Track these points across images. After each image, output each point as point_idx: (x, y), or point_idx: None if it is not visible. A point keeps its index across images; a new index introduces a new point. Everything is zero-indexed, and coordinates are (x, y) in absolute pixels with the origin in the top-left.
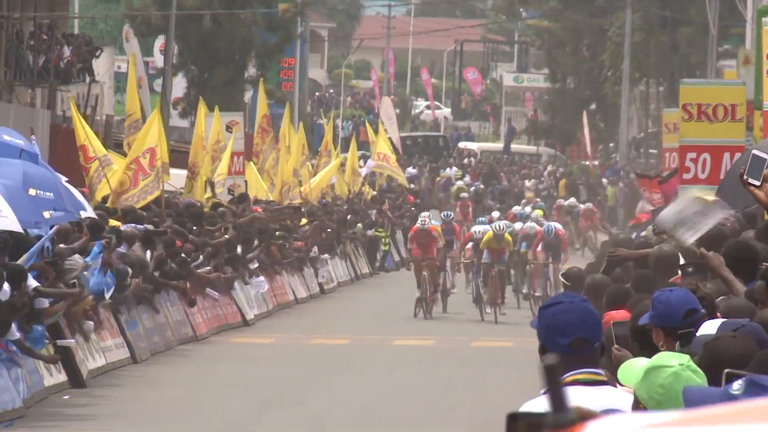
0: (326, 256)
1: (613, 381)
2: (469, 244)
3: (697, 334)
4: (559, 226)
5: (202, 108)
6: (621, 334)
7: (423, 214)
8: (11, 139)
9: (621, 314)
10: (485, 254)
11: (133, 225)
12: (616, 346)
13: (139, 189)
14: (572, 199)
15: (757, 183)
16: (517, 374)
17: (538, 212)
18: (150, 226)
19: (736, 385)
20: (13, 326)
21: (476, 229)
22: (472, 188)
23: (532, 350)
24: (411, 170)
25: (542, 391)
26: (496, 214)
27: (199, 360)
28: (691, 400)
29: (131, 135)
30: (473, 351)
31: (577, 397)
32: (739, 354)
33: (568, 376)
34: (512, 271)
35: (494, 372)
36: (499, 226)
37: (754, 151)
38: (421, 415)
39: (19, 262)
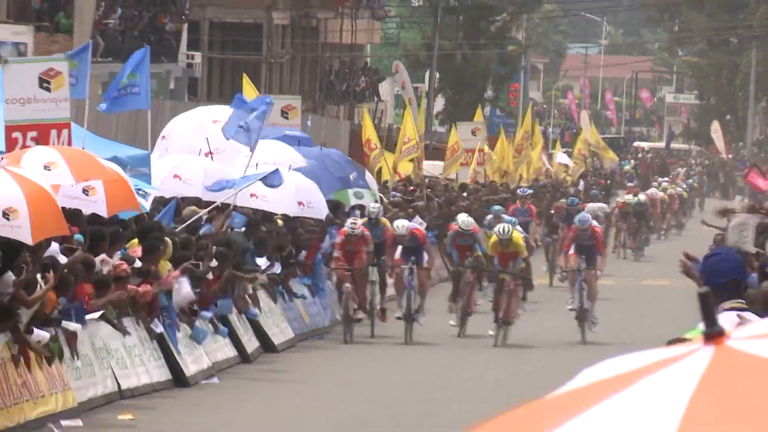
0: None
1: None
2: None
3: None
4: (595, 222)
5: (453, 130)
6: None
7: (349, 221)
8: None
9: None
10: (495, 260)
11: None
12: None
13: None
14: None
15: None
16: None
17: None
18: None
19: None
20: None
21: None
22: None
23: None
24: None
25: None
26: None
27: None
28: None
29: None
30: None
31: (736, 316)
32: None
33: (728, 304)
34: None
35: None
36: (504, 228)
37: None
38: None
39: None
